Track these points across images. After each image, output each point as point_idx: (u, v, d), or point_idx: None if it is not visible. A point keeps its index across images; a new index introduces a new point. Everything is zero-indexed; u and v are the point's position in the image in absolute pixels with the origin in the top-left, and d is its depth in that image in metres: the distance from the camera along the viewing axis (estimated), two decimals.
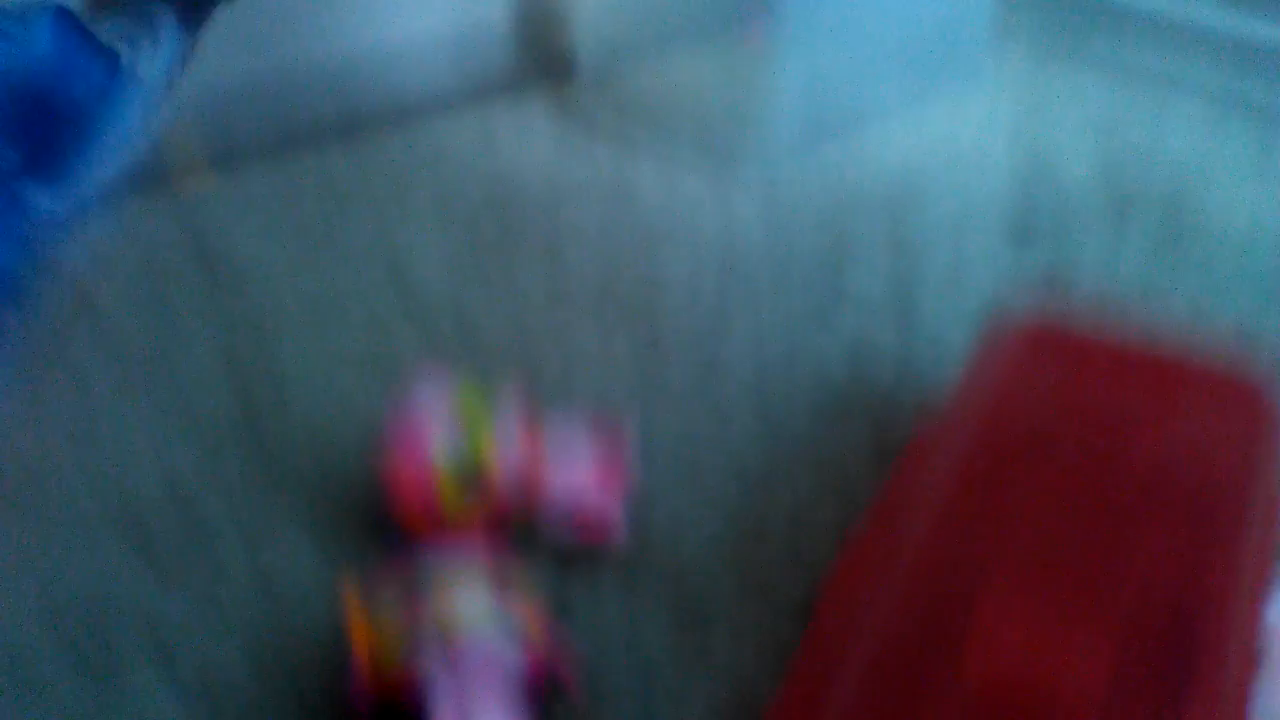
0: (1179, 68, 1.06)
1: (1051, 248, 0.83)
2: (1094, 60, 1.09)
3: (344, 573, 0.56)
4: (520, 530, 0.58)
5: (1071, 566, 0.48)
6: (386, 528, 0.55)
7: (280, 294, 0.78)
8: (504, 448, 0.56)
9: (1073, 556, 0.48)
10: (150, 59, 0.26)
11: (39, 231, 0.27)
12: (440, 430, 0.56)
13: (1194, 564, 0.47)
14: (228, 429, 0.65)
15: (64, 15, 0.25)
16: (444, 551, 0.54)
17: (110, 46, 0.26)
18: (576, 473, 0.58)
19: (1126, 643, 0.44)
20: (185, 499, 0.60)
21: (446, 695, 0.45)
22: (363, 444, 0.64)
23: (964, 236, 0.84)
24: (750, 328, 0.75)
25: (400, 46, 0.99)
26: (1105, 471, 0.52)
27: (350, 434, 0.65)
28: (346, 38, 0.96)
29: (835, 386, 0.70)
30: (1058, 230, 0.85)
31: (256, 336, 0.73)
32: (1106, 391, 0.57)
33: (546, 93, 1.03)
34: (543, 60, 1.05)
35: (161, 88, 0.26)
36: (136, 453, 0.63)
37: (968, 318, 0.76)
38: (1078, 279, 0.79)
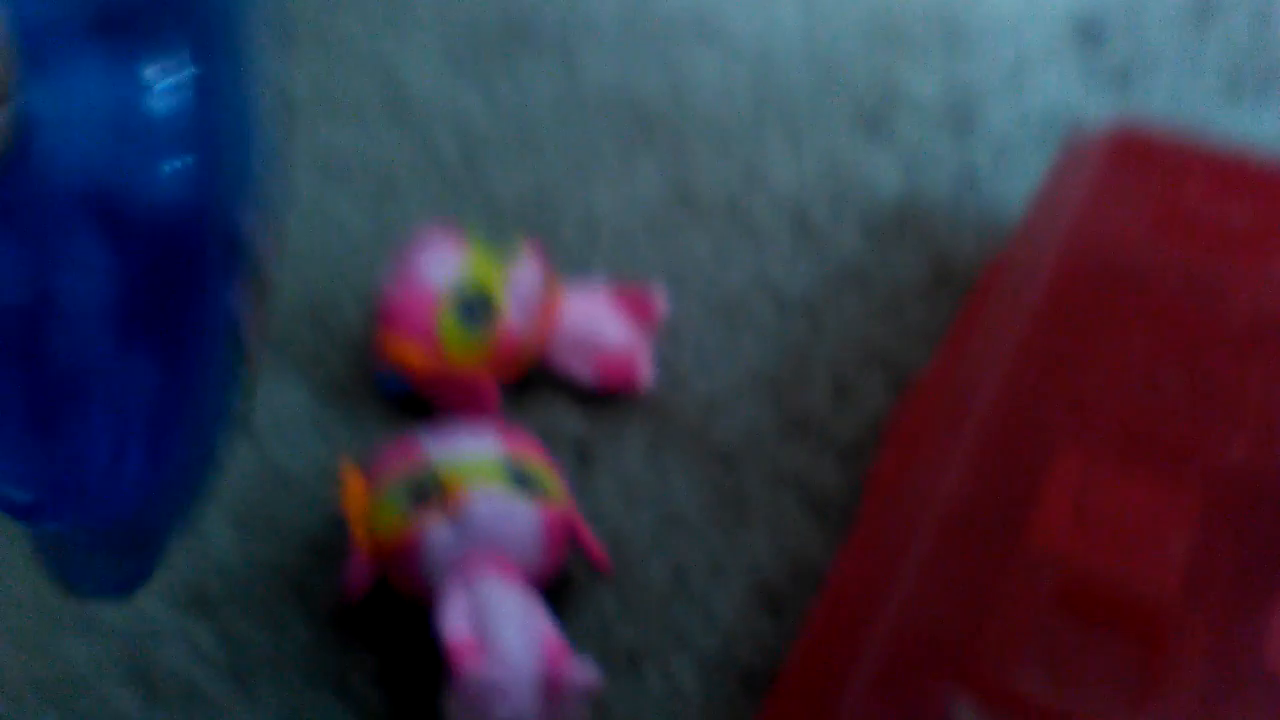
0: None
1: (1125, 46, 0.75)
2: None
3: (333, 429, 0.51)
4: (533, 369, 0.52)
5: (1160, 421, 0.42)
6: (380, 368, 0.49)
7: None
8: (515, 276, 0.50)
9: (1163, 409, 0.42)
10: None
11: None
12: (443, 256, 0.50)
13: None
14: None
15: None
16: (444, 397, 0.49)
17: None
18: (597, 304, 0.52)
19: (1211, 522, 0.39)
20: None
21: (450, 558, 0.40)
22: (350, 264, 0.58)
23: (1027, 32, 0.75)
24: (789, 137, 0.67)
25: None
26: (1206, 308, 0.46)
27: (338, 255, 0.59)
28: None
29: (886, 202, 0.63)
30: (1131, 26, 0.78)
31: None
32: (1207, 211, 0.50)
33: None
34: None
35: None
36: None
37: (1033, 124, 0.67)
38: (1154, 82, 0.71)
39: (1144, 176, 0.51)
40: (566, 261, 0.59)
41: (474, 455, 0.42)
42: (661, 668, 0.43)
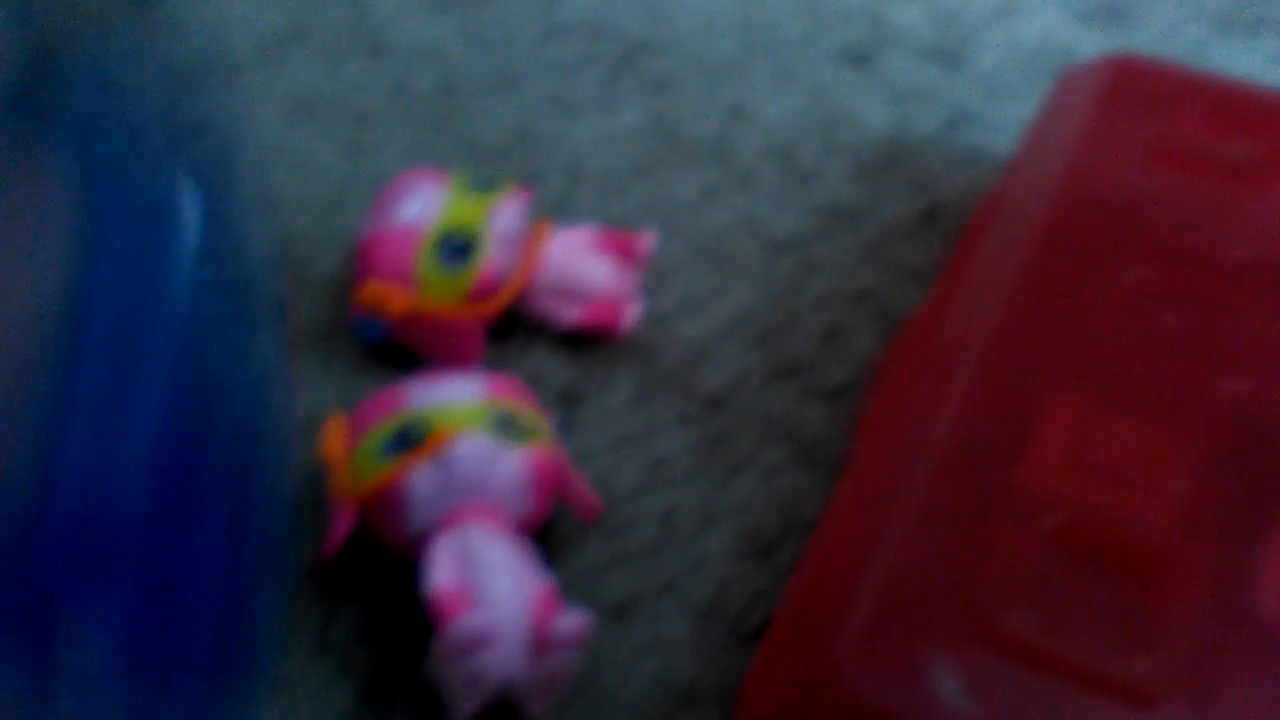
0: None
1: None
2: None
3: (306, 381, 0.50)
4: (516, 313, 0.51)
5: (1157, 358, 0.41)
6: (358, 314, 0.48)
7: (227, 35, 0.67)
8: (497, 216, 0.48)
9: (1160, 346, 0.41)
10: None
11: None
12: (423, 196, 0.48)
13: None
14: None
15: None
16: (425, 343, 0.48)
17: None
18: (582, 246, 0.50)
19: (1209, 462, 0.38)
20: None
21: (434, 503, 0.39)
22: (325, 207, 0.56)
23: None
24: (775, 70, 0.65)
25: None
26: (1203, 241, 0.45)
27: (312, 197, 0.57)
28: None
29: (875, 139, 0.61)
30: None
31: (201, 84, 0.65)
32: (1204, 142, 0.49)
33: None
34: None
35: None
36: None
37: (1024, 61, 0.66)
38: (1145, 17, 0.69)
39: (1139, 108, 0.50)
40: (549, 202, 0.57)
41: (459, 401, 0.41)
42: (651, 615, 0.42)
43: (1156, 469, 0.38)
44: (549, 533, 0.44)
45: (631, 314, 0.50)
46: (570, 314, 0.49)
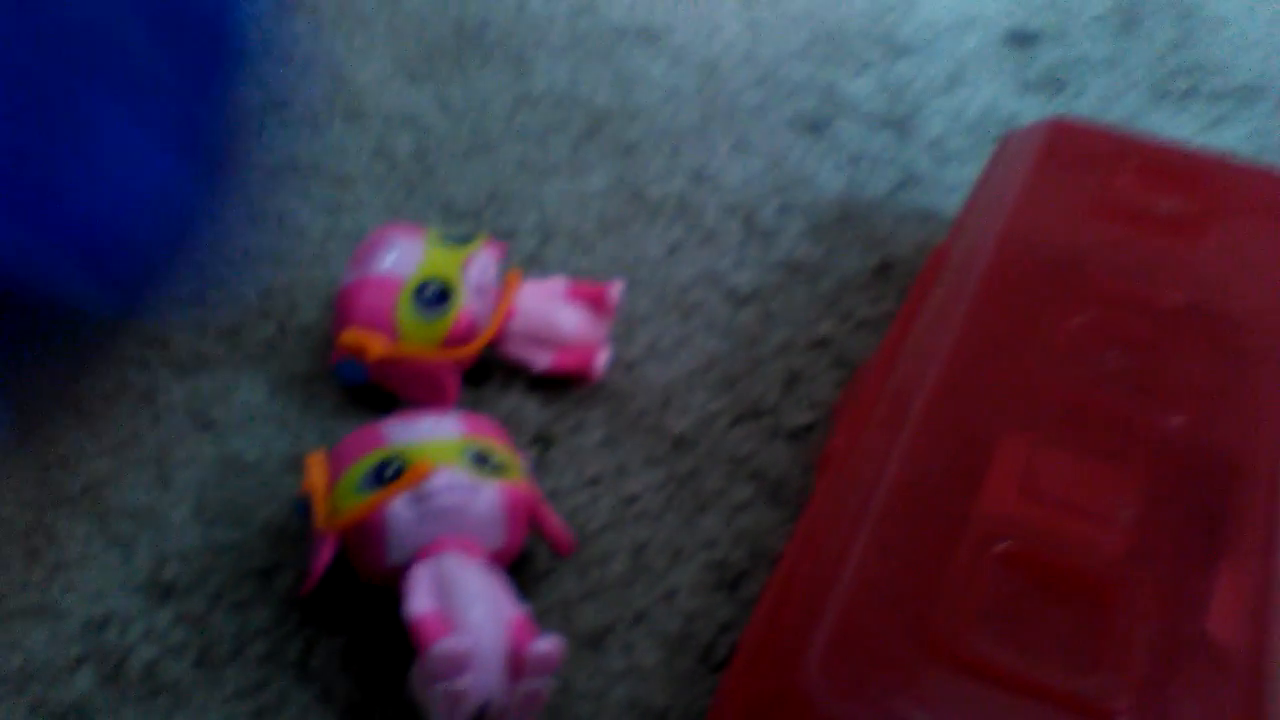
0: None
1: (1055, 53, 0.77)
2: None
3: (292, 416, 0.51)
4: (489, 358, 0.52)
5: (1100, 399, 0.43)
6: (339, 358, 0.49)
7: None
8: (472, 266, 0.50)
9: (1102, 387, 0.44)
10: None
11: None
12: (401, 247, 0.50)
13: (1237, 407, 0.43)
14: None
15: None
16: (403, 386, 0.50)
17: None
18: (554, 295, 0.52)
19: (1154, 492, 0.40)
20: None
21: (412, 534, 0.40)
22: (306, 263, 0.58)
23: (961, 41, 0.78)
24: (735, 137, 0.69)
25: None
26: (1140, 290, 0.48)
27: (294, 254, 0.59)
28: None
29: (829, 200, 0.64)
30: (1060, 34, 0.80)
31: None
32: (1138, 199, 0.52)
33: None
34: None
35: None
36: None
37: (969, 127, 0.70)
38: (1083, 86, 0.74)
39: (1077, 167, 0.53)
40: (522, 258, 0.59)
41: (436, 437, 0.43)
42: (623, 645, 0.43)
43: (1104, 499, 0.40)
44: (524, 566, 0.45)
45: (602, 360, 0.52)
46: (543, 359, 0.51)
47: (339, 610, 0.44)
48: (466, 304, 0.49)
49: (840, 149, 0.68)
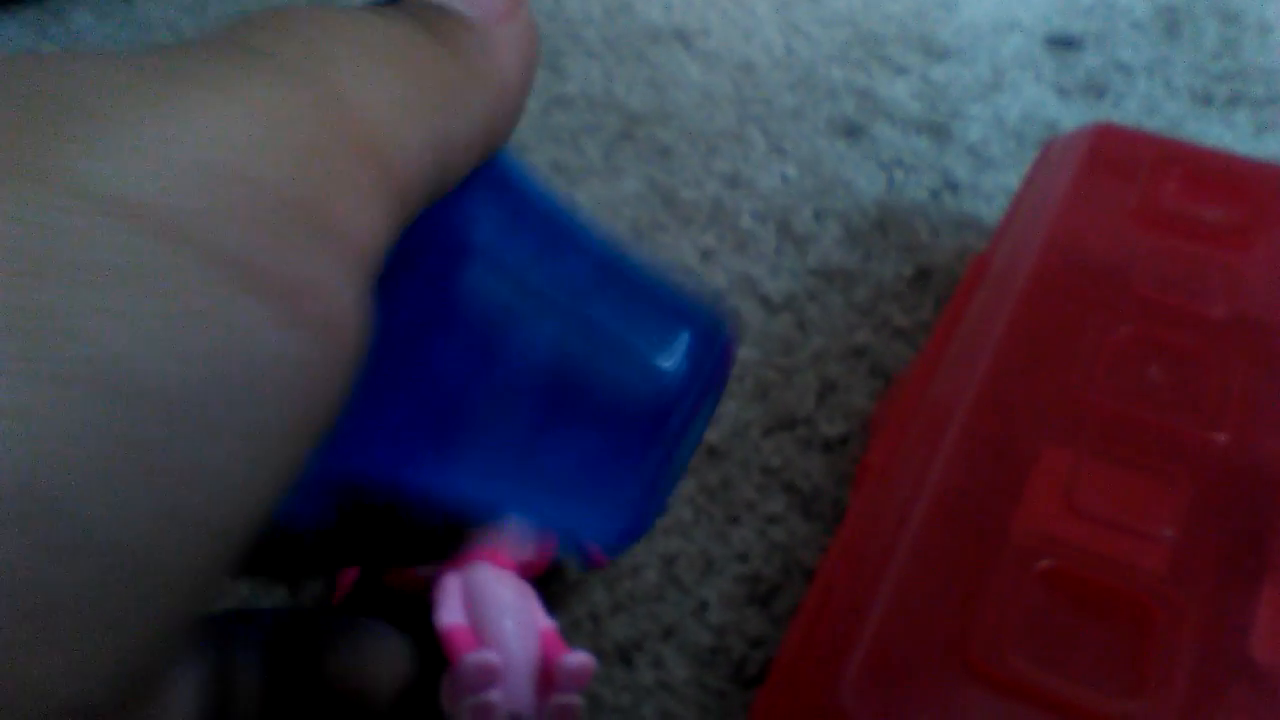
0: None
1: (1097, 57, 0.76)
2: None
3: None
4: None
5: (1145, 413, 0.42)
6: None
7: None
8: None
9: (1147, 401, 0.43)
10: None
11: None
12: None
13: None
14: None
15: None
16: None
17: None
18: None
19: (1198, 510, 0.39)
20: None
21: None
22: None
23: (1001, 45, 0.77)
24: (771, 143, 0.68)
25: None
26: (1186, 302, 0.46)
27: None
28: None
29: (867, 206, 0.63)
30: (1103, 38, 0.79)
31: None
32: (1184, 207, 0.51)
33: None
34: None
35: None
36: None
37: (1009, 133, 0.69)
38: (1126, 91, 0.73)
39: (1120, 175, 0.52)
40: None
41: None
42: (653, 660, 0.43)
43: (1147, 517, 0.39)
44: (553, 578, 0.45)
45: None
46: None
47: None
48: None
49: (877, 154, 0.67)
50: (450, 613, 0.38)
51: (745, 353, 0.55)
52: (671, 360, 0.20)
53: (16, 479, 0.10)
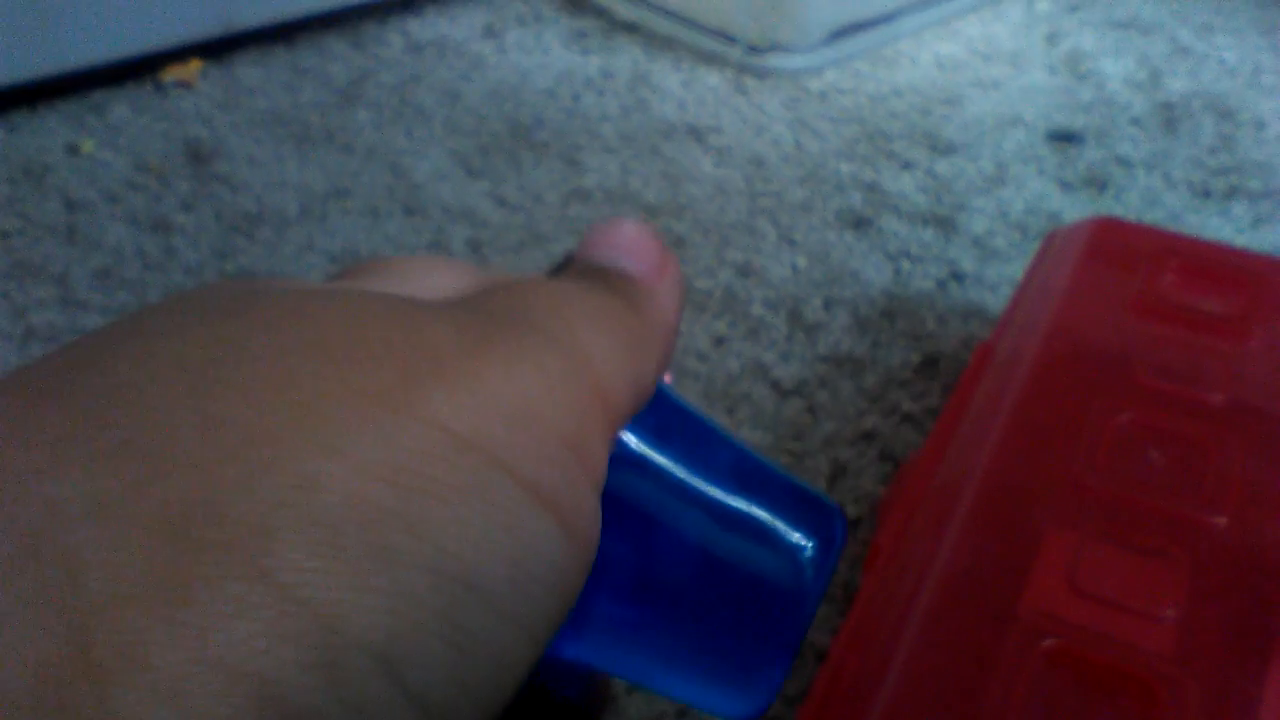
0: None
1: (1098, 152, 0.79)
2: None
3: None
4: None
5: (1147, 496, 0.43)
6: None
7: (276, 194, 0.72)
8: None
9: (1149, 485, 0.44)
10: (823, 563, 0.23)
11: None
12: None
13: None
14: None
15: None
16: None
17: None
18: None
19: (1200, 591, 0.40)
20: None
21: None
22: None
23: (1004, 140, 0.79)
24: (780, 232, 0.70)
25: None
26: (1185, 389, 0.48)
27: None
28: None
29: (874, 293, 0.65)
30: (1103, 133, 0.81)
31: (251, 237, 0.68)
32: (1183, 298, 0.53)
33: None
34: None
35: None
36: None
37: (1013, 225, 0.71)
38: (1126, 185, 0.75)
39: (1121, 265, 0.54)
40: None
41: None
42: None
43: (1150, 598, 0.40)
44: None
45: None
46: None
47: None
48: None
49: (885, 245, 0.69)
50: None
51: (757, 437, 0.56)
52: (806, 547, 0.22)
53: (378, 634, 0.13)
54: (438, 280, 0.20)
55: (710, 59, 0.89)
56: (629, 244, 0.21)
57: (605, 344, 0.18)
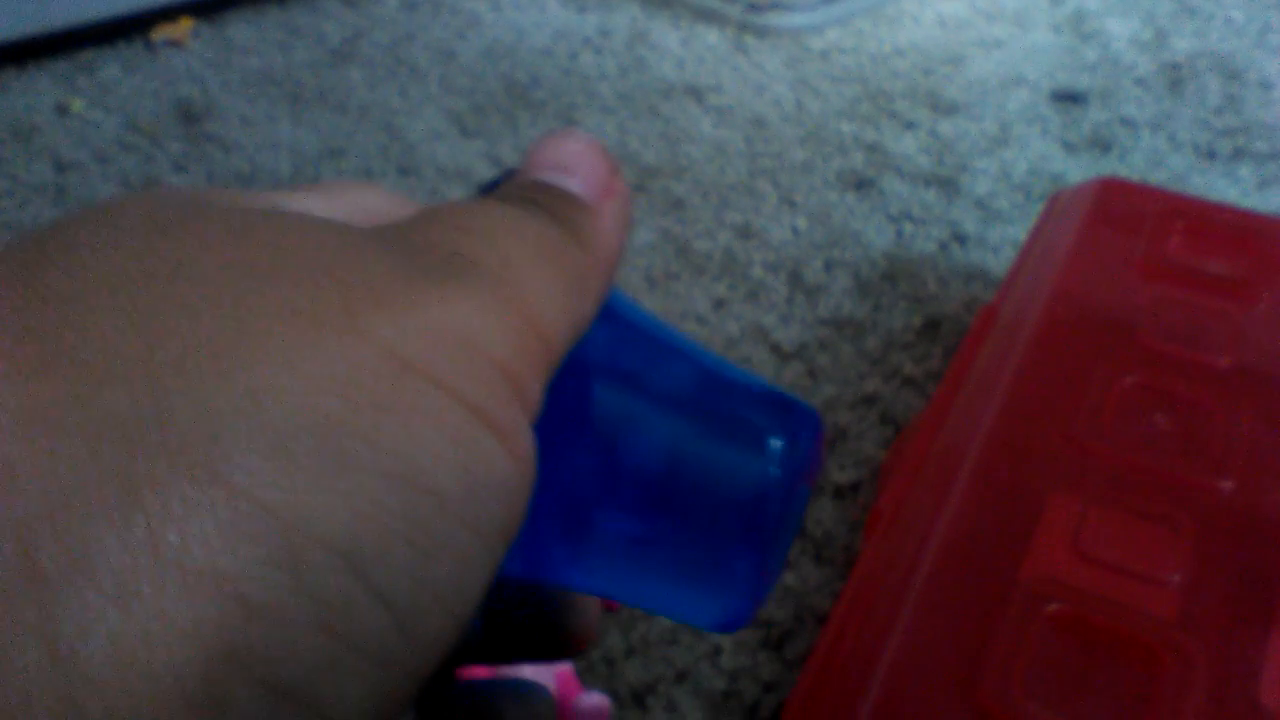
0: None
1: (1101, 109, 0.78)
2: None
3: None
4: None
5: (1151, 459, 0.43)
6: None
7: (269, 154, 0.71)
8: None
9: (1153, 448, 0.43)
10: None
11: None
12: None
13: None
14: None
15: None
16: None
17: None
18: None
19: (1204, 556, 0.40)
20: None
21: None
22: None
23: (1008, 101, 0.78)
24: (782, 193, 0.69)
25: None
26: (1190, 351, 0.47)
27: None
28: None
29: (875, 256, 0.64)
30: (1107, 93, 0.80)
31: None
32: (1188, 259, 0.52)
33: None
34: None
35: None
36: None
37: (1016, 183, 0.70)
38: (1131, 146, 0.74)
39: (1127, 228, 0.53)
40: None
41: None
42: (667, 703, 0.43)
43: (1154, 562, 0.40)
44: None
45: None
46: None
47: None
48: None
49: (886, 207, 0.68)
50: None
51: None
52: (769, 452, 0.22)
53: (339, 532, 0.14)
54: (375, 205, 0.20)
55: (710, 17, 0.88)
56: (574, 160, 0.21)
57: (542, 279, 0.18)
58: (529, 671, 0.38)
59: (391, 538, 0.14)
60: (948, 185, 0.69)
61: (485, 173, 0.70)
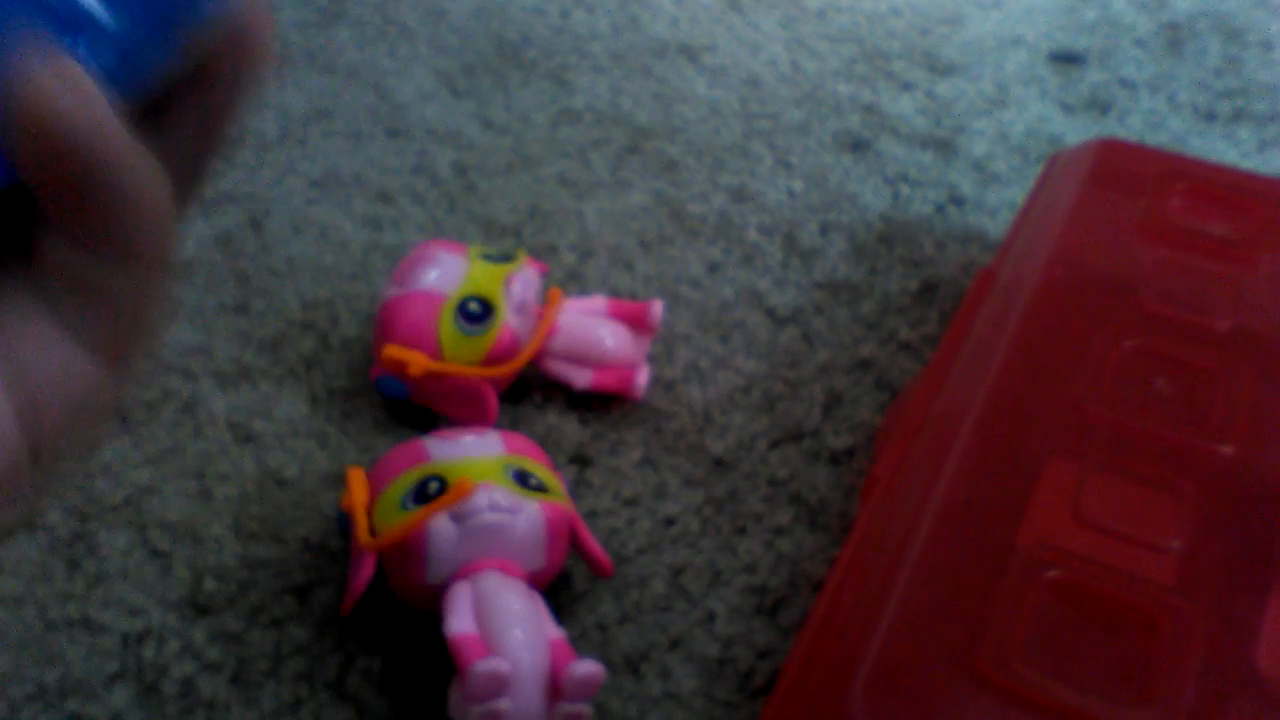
0: None
1: (1100, 73, 0.77)
2: None
3: (336, 438, 0.51)
4: (530, 376, 0.52)
5: (1150, 424, 0.43)
6: (380, 373, 0.50)
7: (255, 115, 0.70)
8: (513, 283, 0.50)
9: (1152, 412, 0.43)
10: None
11: None
12: (444, 264, 0.50)
13: None
14: (200, 255, 0.59)
15: None
16: (443, 404, 0.50)
17: None
18: (595, 313, 0.52)
19: (1203, 521, 0.39)
20: None
21: (453, 553, 0.40)
22: (347, 277, 0.59)
23: (1005, 61, 0.77)
24: (777, 155, 0.68)
25: None
26: (1190, 314, 0.47)
27: (335, 267, 0.59)
28: None
29: (872, 218, 0.64)
30: (1106, 53, 0.79)
31: (229, 160, 0.66)
32: (1188, 221, 0.51)
33: None
34: None
35: None
36: None
37: (1014, 148, 0.69)
38: (1130, 106, 0.73)
39: (1126, 189, 0.52)
40: (561, 275, 0.59)
41: (477, 455, 0.42)
42: (661, 670, 0.43)
43: (1153, 528, 0.40)
44: (562, 588, 0.45)
45: (643, 379, 0.52)
46: (583, 378, 0.51)
47: (376, 629, 0.43)
48: (508, 321, 0.49)
49: (882, 169, 0.67)
50: (460, 621, 0.38)
51: (752, 365, 0.55)
52: None
53: None
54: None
55: None
56: None
57: None
58: (518, 637, 0.38)
59: None
60: (945, 147, 0.68)
61: (476, 134, 0.69)
